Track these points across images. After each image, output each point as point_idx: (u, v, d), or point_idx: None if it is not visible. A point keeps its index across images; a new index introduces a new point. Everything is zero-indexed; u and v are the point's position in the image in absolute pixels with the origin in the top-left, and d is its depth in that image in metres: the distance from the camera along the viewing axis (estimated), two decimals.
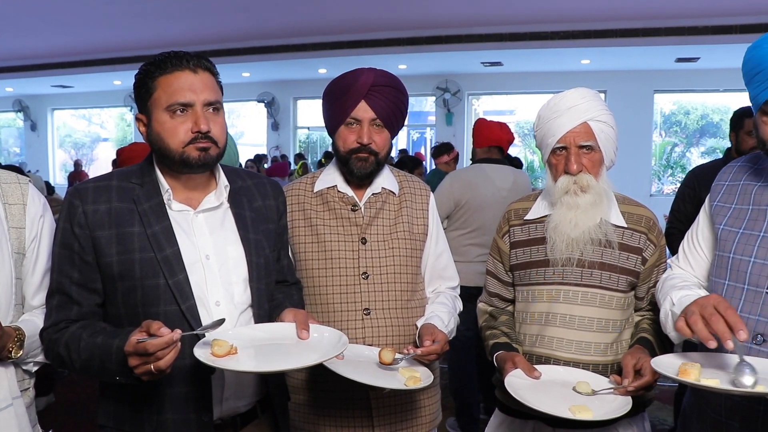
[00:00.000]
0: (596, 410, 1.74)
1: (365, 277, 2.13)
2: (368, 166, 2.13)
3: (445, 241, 2.35)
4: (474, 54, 12.17)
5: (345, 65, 10.50)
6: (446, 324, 2.13)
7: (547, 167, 2.11)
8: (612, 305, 2.05)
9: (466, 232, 4.07)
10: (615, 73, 13.56)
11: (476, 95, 15.16)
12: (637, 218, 2.10)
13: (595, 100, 2.05)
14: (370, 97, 2.09)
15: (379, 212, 2.19)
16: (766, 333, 1.64)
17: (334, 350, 1.63)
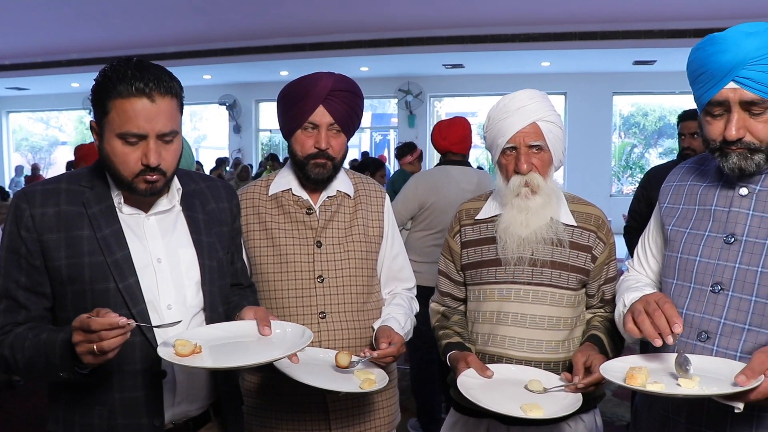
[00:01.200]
0: (547, 408, 1.75)
1: (321, 281, 2.12)
2: (326, 172, 2.11)
3: (401, 243, 2.36)
4: (435, 56, 12.27)
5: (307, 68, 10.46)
6: (402, 326, 2.13)
7: (498, 168, 2.12)
8: (563, 303, 2.08)
9: (431, 233, 4.08)
10: (575, 76, 13.79)
11: (438, 97, 15.29)
12: (586, 217, 2.13)
13: (543, 101, 2.08)
14: (329, 102, 2.07)
15: (334, 215, 2.18)
16: (710, 330, 1.66)
17: (300, 344, 1.63)
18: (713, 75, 1.60)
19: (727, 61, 1.57)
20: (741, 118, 1.60)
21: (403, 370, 5.48)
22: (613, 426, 4.60)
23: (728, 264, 1.66)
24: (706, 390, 1.46)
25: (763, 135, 1.59)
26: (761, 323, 1.60)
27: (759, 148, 1.60)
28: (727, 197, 1.72)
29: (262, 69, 13.66)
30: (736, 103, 1.58)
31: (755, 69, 1.54)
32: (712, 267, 1.69)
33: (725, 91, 1.59)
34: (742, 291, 1.63)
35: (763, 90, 1.55)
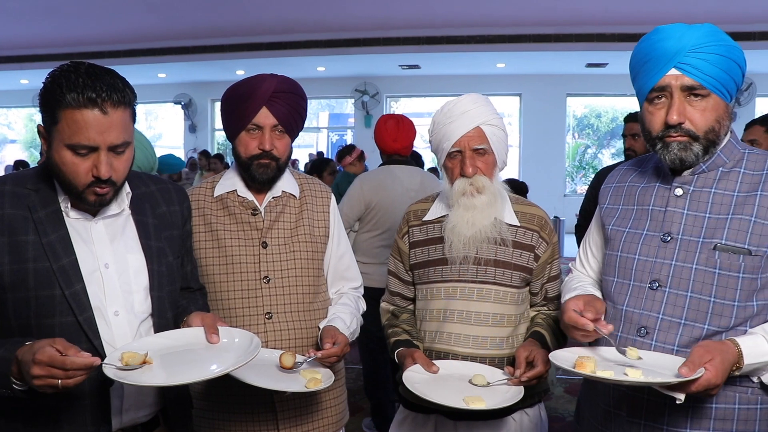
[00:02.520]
0: (489, 400, 1.81)
1: (266, 281, 2.13)
2: (270, 172, 2.12)
3: (347, 243, 2.38)
4: (392, 57, 12.32)
5: (263, 67, 10.41)
6: (348, 325, 2.16)
7: (444, 171, 2.17)
8: (506, 300, 2.14)
9: (378, 234, 4.10)
10: (529, 77, 13.98)
11: (395, 97, 15.35)
12: (529, 217, 2.19)
13: (486, 106, 2.13)
14: (272, 104, 2.08)
15: (279, 216, 2.19)
16: (648, 325, 1.73)
17: (249, 353, 1.63)
18: (657, 62, 1.69)
19: (670, 48, 1.66)
20: (682, 104, 1.68)
21: (357, 370, 5.51)
22: (565, 422, 4.70)
23: (665, 262, 1.73)
24: (652, 378, 1.52)
25: (700, 123, 1.67)
26: (696, 318, 1.68)
27: (698, 137, 1.68)
28: (664, 197, 1.79)
29: (218, 68, 13.53)
30: (678, 89, 1.67)
31: (696, 56, 1.64)
32: (650, 265, 1.76)
33: (667, 77, 1.68)
34: (678, 287, 1.70)
35: (701, 77, 1.64)
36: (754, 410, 1.68)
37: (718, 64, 1.63)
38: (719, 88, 1.65)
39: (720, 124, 1.69)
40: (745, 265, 1.65)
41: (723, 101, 1.68)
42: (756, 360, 1.58)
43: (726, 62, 1.64)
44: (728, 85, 1.67)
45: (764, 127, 3.82)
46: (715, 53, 1.63)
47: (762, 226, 1.65)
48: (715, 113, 1.67)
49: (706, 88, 1.65)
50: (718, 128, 1.69)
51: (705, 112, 1.67)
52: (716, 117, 1.68)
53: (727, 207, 1.69)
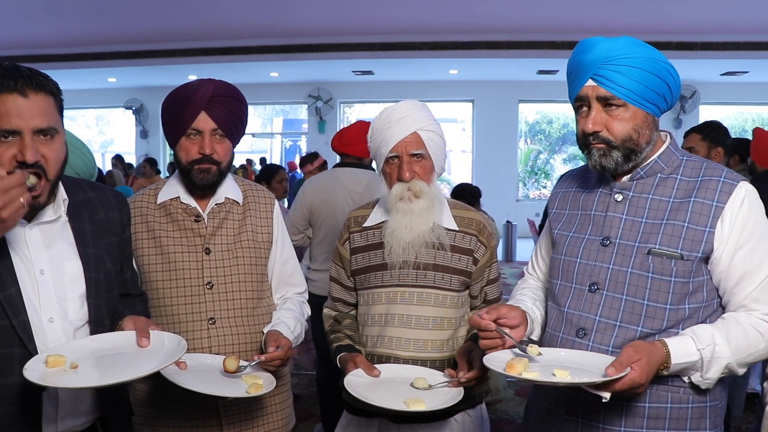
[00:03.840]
0: (430, 402, 1.84)
1: (210, 287, 2.13)
2: (211, 177, 2.12)
3: (291, 248, 2.39)
4: (345, 62, 12.34)
5: (215, 72, 10.31)
6: (292, 330, 2.17)
7: (382, 176, 2.20)
8: (446, 304, 2.17)
9: (325, 242, 4.08)
10: (482, 83, 14.14)
11: (348, 103, 15.37)
12: (468, 221, 2.23)
13: (423, 111, 2.16)
14: (211, 108, 2.08)
15: (222, 222, 2.20)
16: (587, 327, 1.78)
17: (176, 354, 1.63)
18: (578, 73, 1.76)
19: (587, 60, 1.72)
20: (599, 113, 1.74)
21: (311, 376, 5.51)
22: (515, 424, 4.76)
23: (603, 265, 1.79)
24: (577, 379, 1.57)
25: (617, 132, 1.73)
26: (630, 320, 1.73)
27: (616, 146, 1.74)
28: (605, 203, 1.85)
29: (170, 73, 13.34)
30: (594, 99, 1.73)
31: (609, 68, 1.70)
32: (590, 268, 1.81)
33: (585, 88, 1.74)
34: (614, 290, 1.76)
35: (615, 88, 1.70)
36: (686, 409, 1.74)
37: (632, 76, 1.69)
38: (635, 99, 1.70)
39: (638, 133, 1.74)
40: (677, 270, 1.70)
41: (642, 111, 1.73)
42: (683, 360, 1.63)
43: (642, 74, 1.69)
44: (647, 96, 1.71)
45: (701, 135, 3.95)
46: (629, 65, 1.69)
47: (694, 232, 1.70)
48: (633, 123, 1.73)
49: (620, 98, 1.70)
50: (636, 137, 1.74)
51: (622, 122, 1.73)
52: (634, 126, 1.73)
53: (663, 212, 1.75)
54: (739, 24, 10.62)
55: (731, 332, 1.67)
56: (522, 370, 1.62)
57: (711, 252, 1.71)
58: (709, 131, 3.96)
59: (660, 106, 1.76)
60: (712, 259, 1.72)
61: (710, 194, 1.72)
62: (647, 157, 1.80)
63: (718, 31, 10.93)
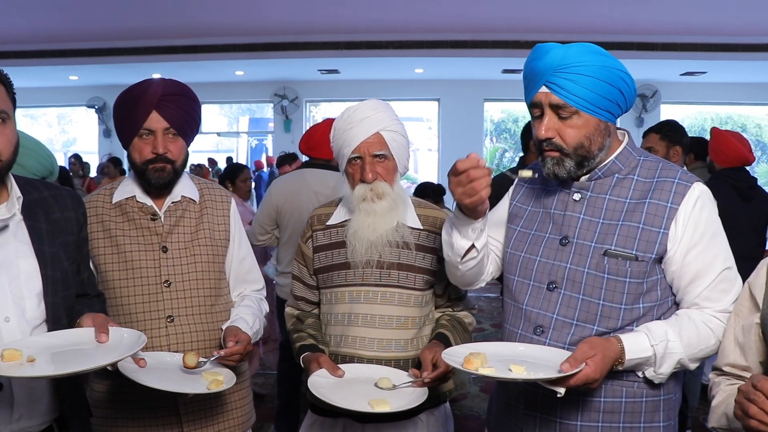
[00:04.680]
0: (394, 403, 1.84)
1: (167, 285, 2.14)
2: (166, 176, 2.13)
3: (248, 246, 2.40)
4: (311, 61, 12.28)
5: (180, 70, 10.15)
6: (251, 325, 2.17)
7: (345, 176, 2.19)
8: (410, 303, 2.18)
9: (291, 244, 4.05)
10: (447, 82, 14.18)
11: (314, 102, 15.31)
12: (432, 220, 2.24)
13: (386, 111, 2.16)
14: (162, 107, 2.08)
15: (179, 220, 2.20)
16: (544, 325, 1.82)
17: (135, 348, 1.64)
18: (532, 80, 1.78)
19: (541, 67, 1.75)
20: (552, 120, 1.77)
21: (275, 375, 5.49)
22: (480, 420, 4.81)
23: (561, 264, 1.82)
24: (532, 375, 1.60)
25: (570, 139, 1.76)
26: (586, 319, 1.77)
27: (568, 153, 1.77)
28: (564, 201, 1.88)
29: (134, 71, 13.12)
30: (547, 106, 1.76)
31: (562, 76, 1.72)
32: (549, 266, 1.84)
33: (539, 94, 1.77)
34: (571, 290, 1.79)
35: (567, 96, 1.72)
36: (640, 403, 1.79)
37: (585, 85, 1.71)
38: (588, 107, 1.73)
39: (590, 140, 1.77)
40: (631, 271, 1.74)
41: (595, 119, 1.76)
42: (637, 356, 1.68)
43: (595, 82, 1.71)
44: (600, 104, 1.74)
45: (659, 134, 4.01)
46: (582, 74, 1.71)
47: (649, 233, 1.74)
48: (585, 130, 1.76)
49: (573, 106, 1.73)
50: (588, 144, 1.77)
51: (574, 129, 1.75)
52: (586, 134, 1.76)
53: (619, 213, 1.78)
54: (698, 26, 10.83)
55: (684, 328, 1.72)
56: (479, 366, 1.65)
57: (665, 253, 1.75)
58: (668, 131, 4.02)
59: (613, 113, 1.79)
60: (666, 259, 1.76)
61: (665, 195, 1.76)
62: (604, 158, 1.83)
63: (677, 32, 11.11)
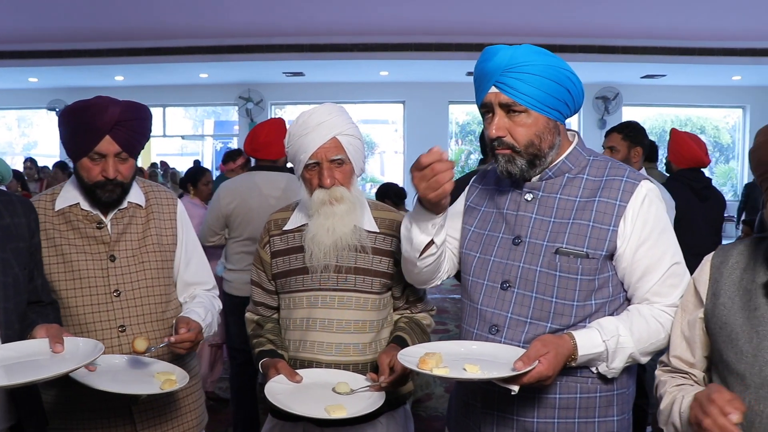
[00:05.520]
0: (351, 408, 1.85)
1: (117, 295, 2.11)
2: (115, 196, 2.09)
3: (194, 246, 2.36)
4: (276, 64, 12.24)
5: (143, 73, 10.04)
6: (203, 318, 2.15)
7: (302, 181, 2.19)
8: (368, 307, 2.18)
9: (238, 241, 4.07)
10: (412, 85, 14.23)
11: (279, 105, 15.24)
12: (389, 223, 2.24)
13: (341, 116, 2.16)
14: (116, 132, 2.03)
15: (126, 228, 2.17)
16: (499, 324, 1.84)
17: (92, 356, 1.63)
18: (482, 80, 1.82)
19: (490, 68, 1.78)
20: (502, 119, 1.80)
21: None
22: (445, 420, 4.83)
23: (514, 263, 1.85)
24: (486, 373, 1.63)
25: (521, 138, 1.80)
26: (540, 317, 1.80)
27: (519, 151, 1.81)
28: (516, 202, 1.91)
29: (96, 73, 12.99)
30: (497, 105, 1.79)
31: (510, 76, 1.75)
32: (503, 266, 1.87)
33: (489, 95, 1.80)
34: (525, 288, 1.82)
35: (516, 95, 1.76)
36: (594, 398, 1.83)
37: (533, 83, 1.75)
38: (537, 105, 1.77)
39: (541, 138, 1.80)
40: (582, 268, 1.78)
41: (544, 117, 1.80)
42: (589, 351, 1.72)
43: (542, 81, 1.75)
44: (548, 103, 1.78)
45: (621, 134, 4.09)
46: (529, 73, 1.75)
47: (599, 231, 1.78)
48: (535, 129, 1.79)
49: (522, 105, 1.76)
50: (538, 143, 1.80)
51: (524, 128, 1.79)
52: (536, 132, 1.79)
53: (570, 212, 1.82)
54: (657, 30, 11.05)
55: (634, 323, 1.76)
56: (433, 366, 1.66)
57: (615, 249, 1.79)
58: (629, 131, 4.09)
59: (562, 112, 1.83)
60: (616, 256, 1.80)
61: (614, 194, 1.80)
62: (555, 158, 1.87)
63: (637, 36, 11.32)
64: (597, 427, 1.84)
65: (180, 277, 2.31)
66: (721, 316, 1.60)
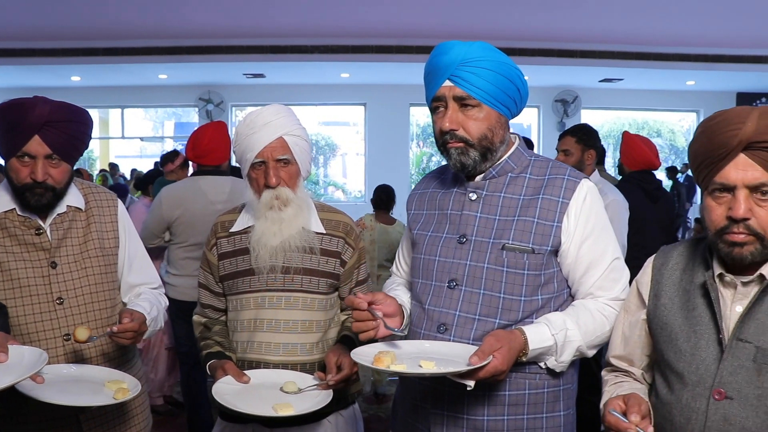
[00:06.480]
0: (298, 406, 1.86)
1: (60, 303, 2.05)
2: (45, 201, 2.01)
3: (136, 246, 2.32)
4: (236, 65, 12.14)
5: (100, 73, 9.88)
6: (148, 311, 2.12)
7: (248, 181, 2.19)
8: (314, 307, 2.20)
9: (183, 246, 4.03)
10: (373, 87, 14.23)
11: (240, 106, 15.13)
12: (335, 224, 2.26)
13: (288, 116, 2.17)
14: (46, 133, 1.95)
15: (67, 233, 2.10)
16: (447, 322, 1.86)
17: (37, 366, 1.58)
18: (435, 74, 1.83)
19: (445, 62, 1.80)
20: (455, 112, 1.83)
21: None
22: None
23: (461, 262, 1.87)
24: (443, 369, 1.63)
25: (473, 131, 1.82)
26: (488, 313, 1.83)
27: (472, 144, 1.83)
28: (460, 202, 1.93)
29: (51, 73, 12.73)
30: (451, 98, 1.82)
31: (465, 69, 1.78)
32: (449, 265, 1.89)
33: (443, 88, 1.82)
34: (472, 286, 1.85)
35: (470, 89, 1.79)
36: (542, 394, 1.86)
37: (486, 78, 1.78)
38: (489, 100, 1.80)
39: (493, 132, 1.84)
40: (529, 263, 1.81)
41: (496, 112, 1.83)
42: (539, 345, 1.75)
43: (495, 76, 1.79)
44: (500, 98, 1.82)
45: (575, 137, 4.15)
46: (483, 68, 1.78)
47: (543, 227, 1.82)
48: (487, 123, 1.83)
49: (475, 98, 1.79)
50: (491, 136, 1.84)
51: (477, 121, 1.82)
52: (488, 126, 1.83)
53: (514, 210, 1.85)
54: (614, 35, 11.25)
55: (581, 317, 1.81)
56: (389, 363, 1.67)
57: (559, 245, 1.83)
58: (582, 134, 4.16)
59: (511, 109, 1.87)
60: (561, 252, 1.85)
61: (556, 191, 1.84)
62: (499, 157, 1.90)
63: (596, 40, 11.51)
64: (545, 422, 1.87)
65: (124, 279, 2.27)
66: (662, 317, 1.65)
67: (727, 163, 1.48)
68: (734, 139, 1.45)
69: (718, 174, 1.49)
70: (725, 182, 1.48)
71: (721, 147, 1.48)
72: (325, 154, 16.69)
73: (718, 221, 1.50)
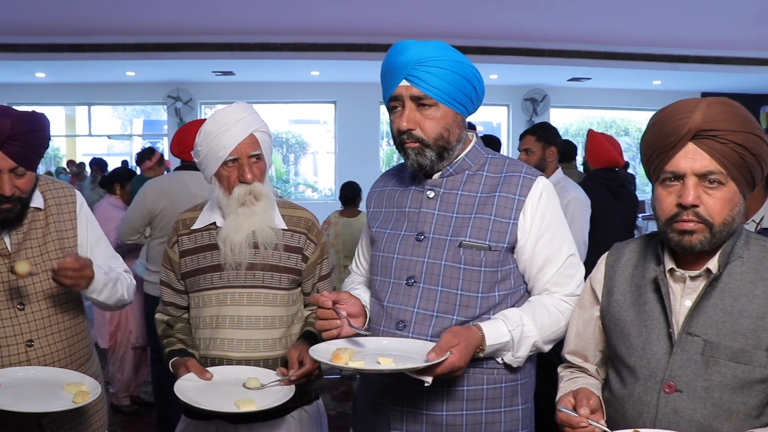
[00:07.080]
0: (261, 401, 1.87)
1: (21, 308, 2.02)
2: (13, 215, 1.98)
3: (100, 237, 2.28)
4: (205, 63, 12.03)
5: (67, 70, 9.72)
6: (105, 272, 2.10)
7: (216, 179, 2.19)
8: (277, 303, 2.20)
9: (164, 241, 3.95)
10: (343, 85, 14.19)
11: (209, 104, 15.01)
12: (296, 220, 2.27)
13: (255, 113, 2.19)
14: (8, 147, 1.91)
15: (26, 235, 2.06)
16: (406, 319, 1.87)
17: None
18: (392, 74, 1.84)
19: (401, 61, 1.81)
20: (412, 112, 1.84)
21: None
22: None
23: (419, 259, 1.89)
24: (401, 365, 1.65)
25: (430, 131, 1.84)
26: (446, 310, 1.84)
27: (429, 144, 1.84)
28: (418, 199, 1.95)
29: (15, 69, 12.47)
30: (408, 98, 1.82)
31: (422, 69, 1.79)
32: (407, 262, 1.90)
33: (400, 88, 1.83)
34: (430, 283, 1.86)
35: (427, 88, 1.80)
36: (500, 389, 1.89)
37: (442, 77, 1.80)
38: (446, 99, 1.82)
39: (449, 131, 1.85)
40: (486, 260, 1.83)
41: (452, 111, 1.85)
42: (496, 341, 1.77)
43: (451, 75, 1.81)
44: (456, 97, 1.83)
45: (535, 136, 4.19)
46: (439, 67, 1.79)
47: (500, 224, 1.84)
48: (444, 122, 1.84)
49: (432, 98, 1.81)
50: (447, 135, 1.85)
51: (433, 121, 1.83)
52: (444, 125, 1.84)
53: (471, 207, 1.87)
54: (582, 34, 11.37)
55: (537, 313, 1.84)
56: (348, 360, 1.68)
57: (516, 242, 1.86)
58: (542, 132, 4.20)
59: (467, 107, 1.89)
60: (518, 249, 1.87)
61: (513, 188, 1.86)
62: (457, 155, 1.92)
63: (564, 39, 11.62)
64: (503, 416, 1.90)
65: None
66: (615, 313, 1.68)
67: (677, 152, 1.51)
68: (684, 128, 1.49)
69: (669, 163, 1.53)
70: (675, 170, 1.52)
71: (671, 135, 1.52)
72: (296, 153, 16.62)
73: (668, 209, 1.53)
